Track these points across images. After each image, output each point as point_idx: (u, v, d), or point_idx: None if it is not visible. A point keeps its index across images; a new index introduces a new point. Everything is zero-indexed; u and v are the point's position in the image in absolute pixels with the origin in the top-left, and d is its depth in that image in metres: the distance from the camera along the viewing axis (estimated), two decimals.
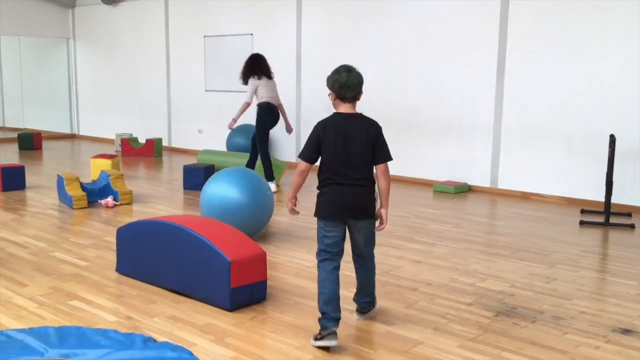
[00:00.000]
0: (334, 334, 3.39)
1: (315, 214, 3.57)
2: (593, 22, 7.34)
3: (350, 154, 3.45)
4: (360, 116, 3.54)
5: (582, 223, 6.55)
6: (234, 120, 8.38)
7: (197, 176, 8.25)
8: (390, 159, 3.55)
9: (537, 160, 7.98)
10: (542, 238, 5.99)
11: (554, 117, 7.73)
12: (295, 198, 3.69)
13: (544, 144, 7.88)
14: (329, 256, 3.53)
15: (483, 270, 4.96)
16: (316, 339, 3.44)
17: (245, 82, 8.19)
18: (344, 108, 3.52)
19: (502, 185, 8.27)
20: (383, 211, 3.62)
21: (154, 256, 4.40)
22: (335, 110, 3.56)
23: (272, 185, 7.91)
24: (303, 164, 3.55)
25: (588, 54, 7.41)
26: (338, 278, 3.53)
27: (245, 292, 4.00)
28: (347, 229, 3.58)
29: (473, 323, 3.85)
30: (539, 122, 7.89)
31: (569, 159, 7.66)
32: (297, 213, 3.73)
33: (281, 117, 8.31)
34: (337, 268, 3.54)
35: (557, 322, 3.88)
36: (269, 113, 8.09)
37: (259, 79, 8.09)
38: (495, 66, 8.12)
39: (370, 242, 3.68)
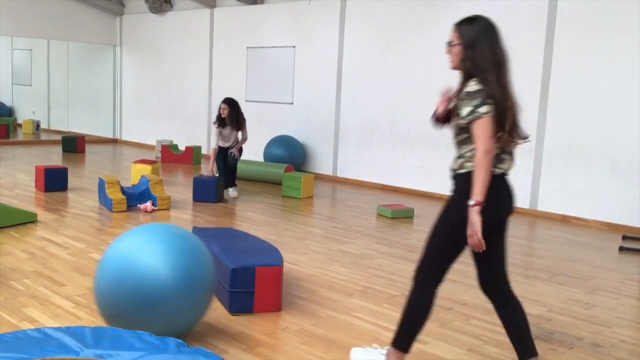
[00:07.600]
0: None
1: None
2: None
3: None
4: None
5: (621, 249, 6.39)
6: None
7: None
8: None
9: (579, 182, 7.82)
10: (582, 263, 5.86)
11: (598, 138, 7.58)
12: None
13: (587, 166, 7.72)
14: None
15: (520, 292, 4.83)
16: None
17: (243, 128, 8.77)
18: None
19: (542, 207, 8.11)
20: None
21: None
22: None
23: (233, 191, 8.53)
24: None
25: (634, 75, 7.26)
26: None
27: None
28: None
29: (509, 346, 3.76)
30: (582, 143, 7.74)
31: (612, 182, 7.49)
32: None
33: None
34: None
35: (595, 349, 3.78)
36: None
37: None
38: (540, 85, 8.01)
39: None
